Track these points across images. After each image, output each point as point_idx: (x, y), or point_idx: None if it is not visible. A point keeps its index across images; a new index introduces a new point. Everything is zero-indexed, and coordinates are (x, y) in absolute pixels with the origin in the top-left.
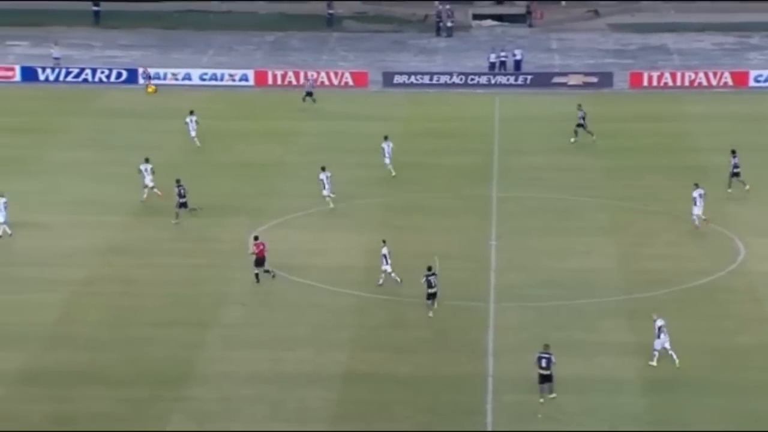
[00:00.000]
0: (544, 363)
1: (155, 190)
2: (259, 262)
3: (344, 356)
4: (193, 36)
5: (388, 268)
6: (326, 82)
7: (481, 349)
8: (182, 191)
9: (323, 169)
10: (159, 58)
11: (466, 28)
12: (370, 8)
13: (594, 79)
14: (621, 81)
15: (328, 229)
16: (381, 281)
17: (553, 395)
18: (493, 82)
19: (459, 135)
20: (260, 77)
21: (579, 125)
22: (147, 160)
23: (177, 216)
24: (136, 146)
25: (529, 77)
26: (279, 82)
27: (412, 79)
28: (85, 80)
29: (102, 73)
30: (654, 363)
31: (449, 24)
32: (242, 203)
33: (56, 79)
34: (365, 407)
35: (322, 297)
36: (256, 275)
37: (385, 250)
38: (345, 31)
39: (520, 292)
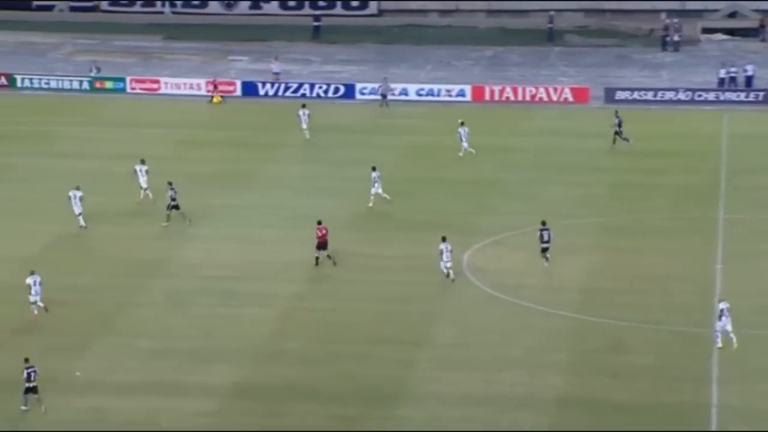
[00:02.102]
0: None
1: (148, 192)
2: (321, 246)
3: (559, 380)
4: (411, 51)
5: (447, 265)
6: (545, 98)
7: (704, 378)
8: (174, 194)
9: (374, 168)
10: (377, 72)
11: (695, 42)
12: (592, 22)
13: None
14: None
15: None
16: (453, 278)
17: None
18: (721, 98)
19: (683, 153)
20: (477, 93)
21: (616, 132)
22: (143, 162)
23: (168, 218)
24: (351, 161)
25: (761, 94)
26: (496, 97)
27: (635, 95)
28: (304, 95)
29: (320, 88)
30: (719, 344)
31: (676, 38)
32: (455, 220)
33: (275, 94)
34: None
35: (535, 318)
36: (316, 258)
37: (443, 246)
38: (566, 45)
39: (747, 318)
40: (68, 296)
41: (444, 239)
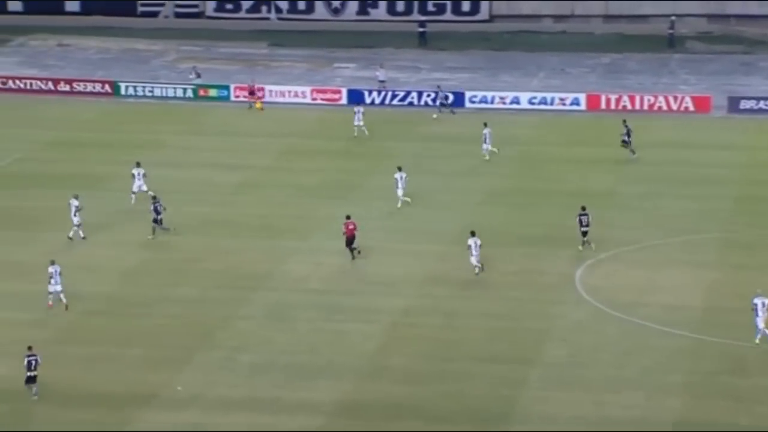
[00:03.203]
0: None
1: (149, 193)
2: (350, 240)
3: (676, 402)
4: (523, 57)
5: (474, 260)
6: (664, 107)
7: None
8: (158, 207)
9: (399, 169)
10: (486, 80)
11: None
12: (716, 28)
13: None
14: None
15: (661, 265)
16: (477, 271)
17: None
18: None
19: None
20: (593, 101)
21: (623, 141)
22: (138, 164)
23: (153, 232)
24: (458, 172)
25: None
26: (612, 106)
27: (761, 104)
28: (411, 103)
29: (428, 96)
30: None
31: None
32: (570, 234)
33: (382, 102)
34: None
35: (652, 337)
36: (352, 253)
37: (471, 242)
38: (687, 52)
39: None
40: (169, 309)
41: (473, 233)
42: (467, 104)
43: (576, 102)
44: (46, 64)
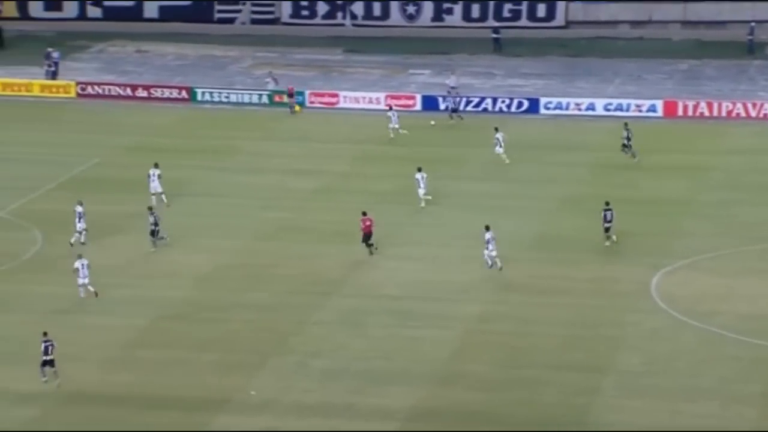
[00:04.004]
0: None
1: (163, 197)
2: (366, 236)
3: (753, 412)
4: (599, 64)
5: (492, 254)
6: (742, 114)
7: None
8: (156, 219)
9: (419, 169)
10: (562, 87)
11: None
12: None
13: None
14: None
15: (738, 274)
16: (491, 265)
17: None
18: None
19: None
20: (669, 108)
21: (624, 145)
22: (156, 165)
23: (154, 245)
24: (532, 179)
25: None
26: (690, 113)
27: None
28: (485, 109)
29: (502, 102)
30: None
31: None
32: (646, 242)
33: (455, 109)
34: None
35: (729, 347)
36: (369, 249)
37: (488, 235)
38: (767, 58)
39: None
40: (243, 314)
41: (488, 228)
42: (542, 111)
43: (653, 109)
44: (125, 70)
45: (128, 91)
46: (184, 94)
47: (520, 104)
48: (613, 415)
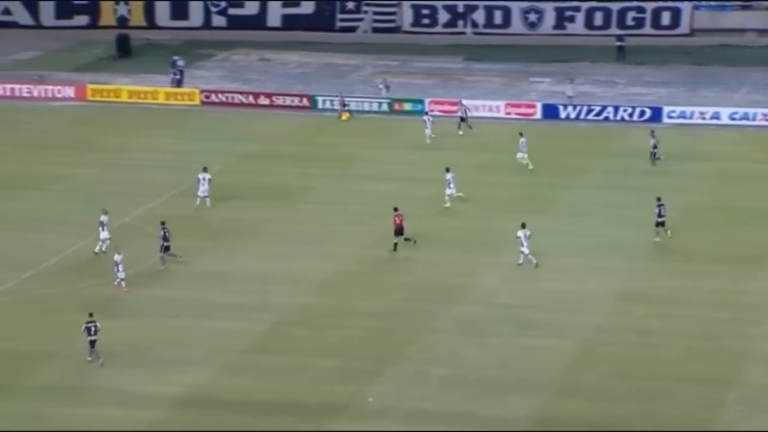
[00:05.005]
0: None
1: (207, 201)
2: (398, 232)
3: None
4: (725, 72)
5: (526, 250)
6: None
7: None
8: (166, 234)
9: (447, 170)
10: (686, 95)
11: None
12: None
13: None
14: None
15: None
16: (522, 262)
17: None
18: None
19: None
20: None
21: (652, 154)
22: (205, 169)
23: (163, 261)
24: (653, 188)
25: None
26: None
27: None
28: (607, 118)
29: (624, 111)
30: None
31: None
32: None
33: (577, 117)
34: None
35: None
36: (395, 245)
37: (521, 233)
38: None
39: None
40: (362, 321)
41: (524, 225)
42: (665, 119)
43: None
44: (248, 78)
45: (251, 98)
46: (305, 101)
47: (642, 113)
48: (738, 428)
